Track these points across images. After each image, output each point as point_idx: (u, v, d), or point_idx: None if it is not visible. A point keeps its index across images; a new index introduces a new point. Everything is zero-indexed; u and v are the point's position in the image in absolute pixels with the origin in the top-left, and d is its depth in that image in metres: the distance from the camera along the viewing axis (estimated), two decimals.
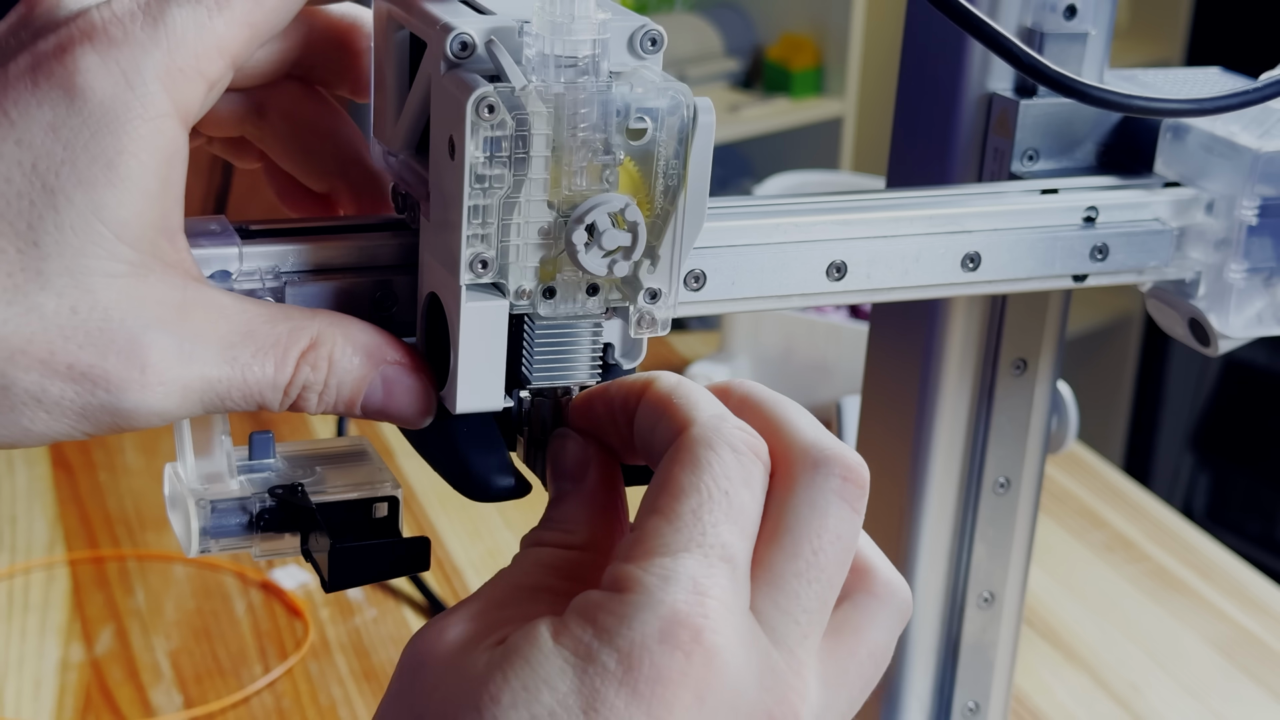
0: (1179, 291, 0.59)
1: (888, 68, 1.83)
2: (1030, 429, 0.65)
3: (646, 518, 0.39)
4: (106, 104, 0.39)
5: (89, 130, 0.39)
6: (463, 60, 0.42)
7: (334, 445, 0.50)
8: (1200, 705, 0.96)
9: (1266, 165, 0.56)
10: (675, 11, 2.54)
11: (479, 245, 0.42)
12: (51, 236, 0.39)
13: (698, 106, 0.42)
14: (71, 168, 0.39)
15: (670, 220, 0.43)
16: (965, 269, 0.54)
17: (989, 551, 0.67)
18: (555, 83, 0.42)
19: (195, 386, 0.41)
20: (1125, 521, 1.16)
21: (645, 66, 0.43)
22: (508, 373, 0.44)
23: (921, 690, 0.69)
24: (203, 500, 0.46)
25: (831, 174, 1.92)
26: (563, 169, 0.42)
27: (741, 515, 0.39)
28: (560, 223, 0.43)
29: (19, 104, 0.39)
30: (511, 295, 0.43)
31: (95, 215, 0.39)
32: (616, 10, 0.44)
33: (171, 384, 0.40)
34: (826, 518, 0.40)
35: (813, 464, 0.40)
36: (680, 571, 0.38)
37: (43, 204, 0.39)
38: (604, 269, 0.43)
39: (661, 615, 0.37)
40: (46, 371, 0.39)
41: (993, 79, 0.59)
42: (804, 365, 1.27)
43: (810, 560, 0.40)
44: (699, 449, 0.40)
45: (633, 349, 0.47)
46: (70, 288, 0.39)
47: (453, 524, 1.10)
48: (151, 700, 0.90)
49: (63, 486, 1.12)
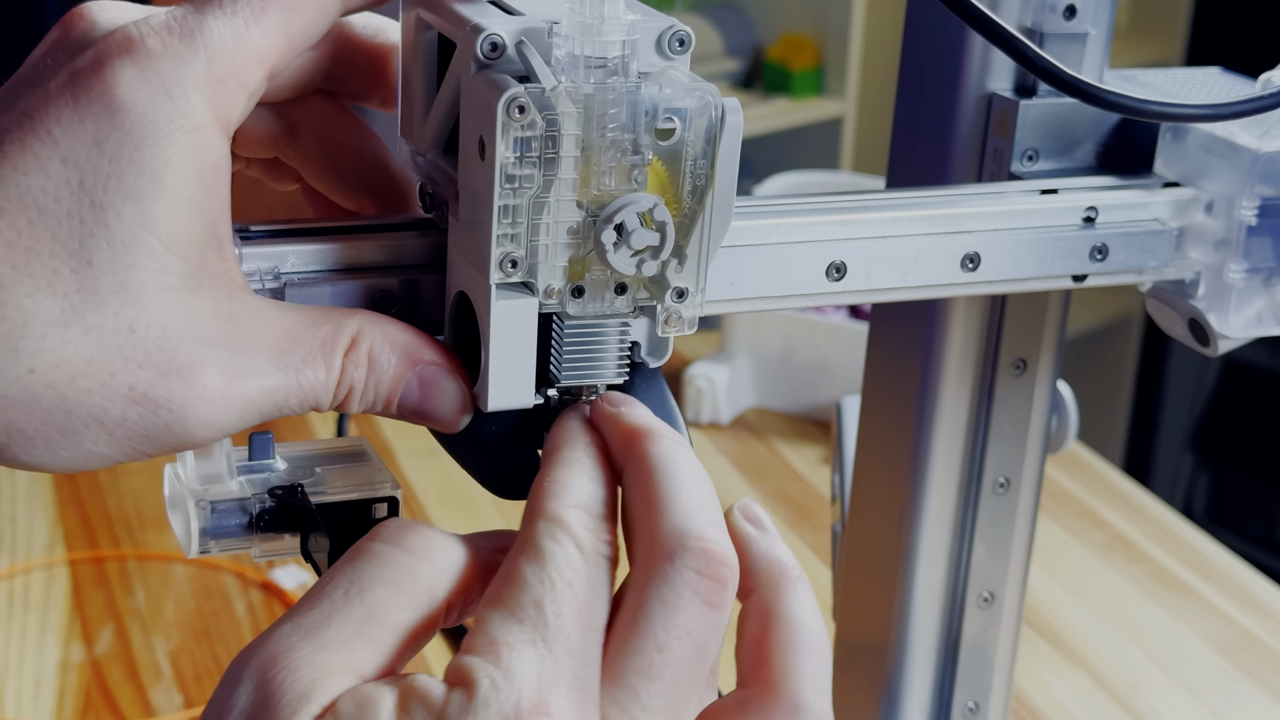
0: (1179, 292, 0.59)
1: (888, 68, 1.83)
2: (1030, 429, 0.65)
3: (488, 608, 0.38)
4: (148, 116, 0.39)
5: (132, 143, 0.39)
6: (493, 61, 0.42)
7: (334, 446, 0.50)
8: (1200, 705, 0.96)
9: (1266, 165, 0.56)
10: (675, 12, 2.53)
11: (509, 244, 0.42)
12: (104, 254, 0.39)
13: (725, 107, 0.43)
14: (118, 181, 0.39)
15: (698, 220, 0.44)
16: (965, 269, 0.54)
17: (989, 551, 0.67)
18: (585, 83, 0.42)
19: (255, 399, 0.41)
20: (1125, 522, 1.16)
21: (673, 67, 0.44)
22: (536, 371, 0.45)
23: (921, 690, 0.69)
24: (203, 501, 0.46)
25: (831, 174, 1.92)
26: (592, 169, 0.42)
27: (585, 610, 0.38)
28: (589, 222, 0.43)
29: (61, 122, 0.39)
30: (540, 294, 0.43)
31: (144, 228, 0.39)
32: (645, 11, 0.44)
33: (232, 399, 0.40)
34: (676, 612, 0.38)
35: (668, 554, 0.39)
36: (522, 669, 0.37)
37: (92, 221, 0.39)
38: (632, 268, 0.43)
39: (505, 715, 0.36)
40: (108, 394, 0.39)
41: (992, 79, 0.59)
42: (804, 365, 1.27)
43: (653, 657, 0.38)
44: (542, 540, 0.39)
45: (659, 347, 0.47)
46: (126, 305, 0.39)
47: (453, 524, 1.10)
48: (151, 700, 0.90)
49: (63, 486, 1.12)
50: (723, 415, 1.26)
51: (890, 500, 0.67)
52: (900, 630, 0.68)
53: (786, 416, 1.29)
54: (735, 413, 1.28)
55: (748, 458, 1.22)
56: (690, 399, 1.26)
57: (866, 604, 0.69)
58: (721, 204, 0.44)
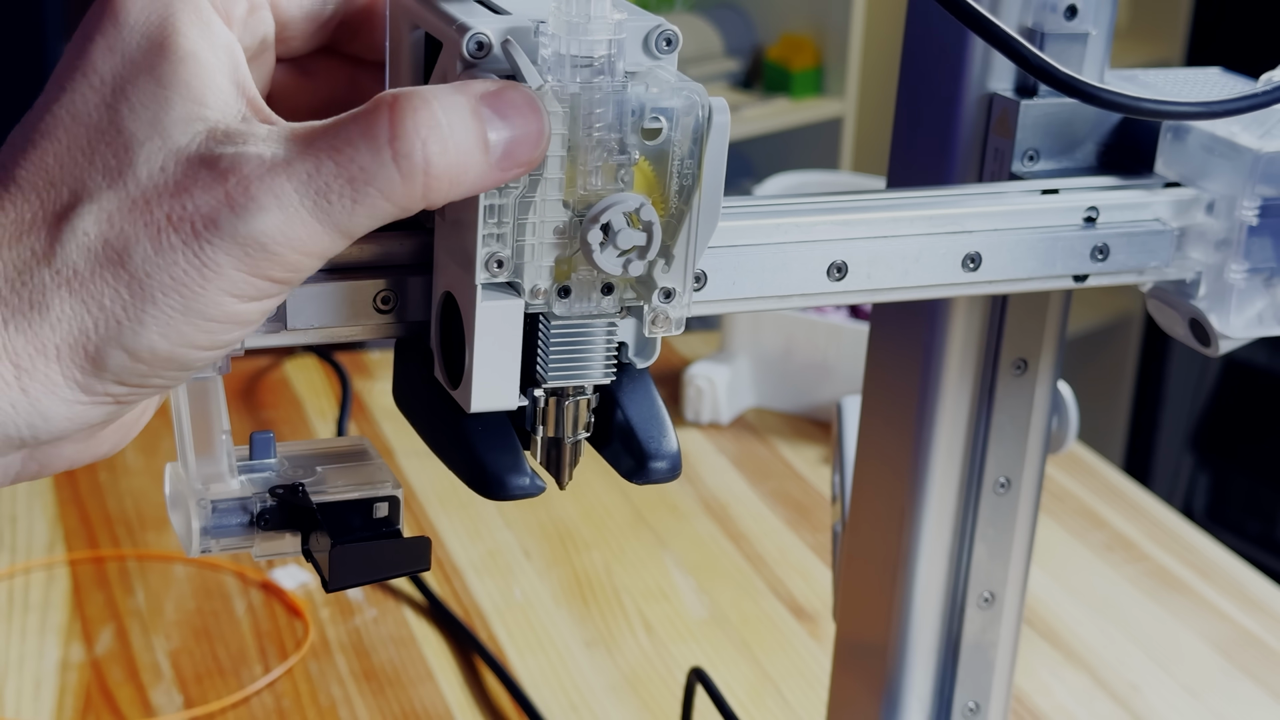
0: (1179, 292, 0.59)
1: (888, 68, 1.83)
2: (1030, 429, 0.65)
3: None
4: (145, 9, 0.42)
5: (136, 33, 0.42)
6: (479, 60, 0.42)
7: (334, 445, 0.50)
8: (1200, 705, 0.96)
9: (1267, 166, 0.56)
10: (675, 11, 2.53)
11: (494, 244, 0.42)
12: (129, 119, 0.41)
13: (712, 106, 0.43)
14: (131, 66, 0.41)
15: (685, 220, 0.44)
16: (966, 269, 0.54)
17: (989, 552, 0.67)
18: (571, 83, 0.42)
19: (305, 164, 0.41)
20: (1125, 521, 1.16)
21: (660, 66, 0.43)
22: (522, 372, 0.44)
23: (921, 690, 0.69)
24: (204, 500, 0.46)
25: (831, 174, 1.92)
26: (578, 168, 0.42)
27: None
28: (575, 222, 0.43)
29: (83, 52, 0.42)
30: (526, 294, 0.43)
31: (158, 84, 0.41)
32: (632, 10, 0.44)
33: (279, 167, 0.41)
34: None
35: None
36: None
37: (116, 101, 0.41)
38: (619, 268, 0.43)
39: None
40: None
41: (993, 79, 0.59)
42: (804, 365, 1.27)
43: None
44: None
45: (646, 348, 0.47)
46: (157, 147, 0.41)
47: (453, 524, 1.10)
48: (151, 700, 0.90)
49: (63, 486, 1.12)
50: (723, 415, 1.26)
51: (891, 500, 0.67)
52: (900, 630, 0.68)
53: (786, 416, 1.29)
54: (735, 413, 1.28)
55: (748, 458, 1.22)
56: (690, 399, 1.26)
57: (867, 604, 0.70)
58: (708, 204, 0.44)
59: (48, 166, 0.41)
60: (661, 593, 1.04)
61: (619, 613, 1.01)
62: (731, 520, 1.13)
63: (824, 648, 0.98)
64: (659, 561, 1.07)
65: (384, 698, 0.92)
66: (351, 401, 1.26)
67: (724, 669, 0.96)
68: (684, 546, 1.09)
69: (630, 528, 1.11)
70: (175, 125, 0.41)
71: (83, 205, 0.40)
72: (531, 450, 0.47)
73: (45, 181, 0.41)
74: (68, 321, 0.39)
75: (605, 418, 0.47)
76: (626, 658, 0.97)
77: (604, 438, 0.48)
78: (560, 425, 0.46)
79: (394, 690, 0.92)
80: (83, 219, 0.40)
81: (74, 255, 0.40)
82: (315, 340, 0.46)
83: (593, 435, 0.47)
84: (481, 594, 1.02)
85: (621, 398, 0.47)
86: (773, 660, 0.97)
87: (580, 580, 1.05)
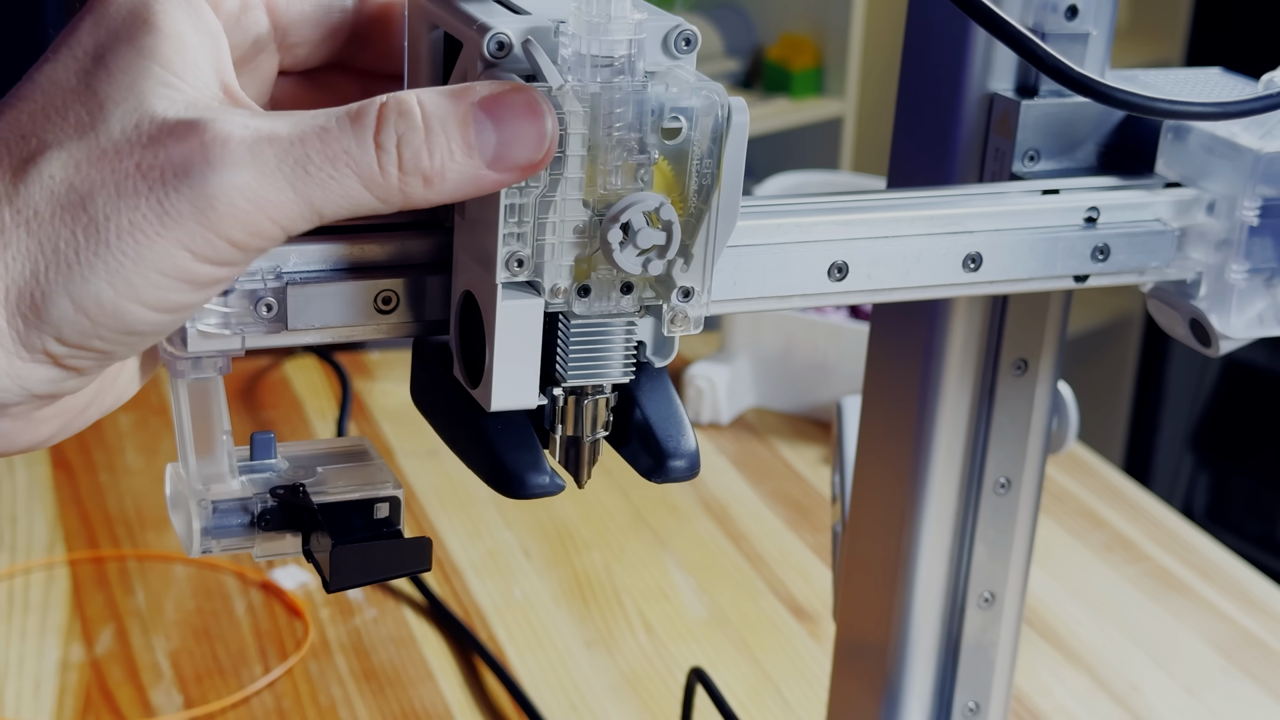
0: (1180, 292, 0.59)
1: (888, 68, 1.83)
2: (1031, 429, 0.65)
3: None
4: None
5: (122, 9, 0.42)
6: (499, 60, 0.42)
7: (335, 445, 0.50)
8: (1200, 705, 0.96)
9: (1268, 166, 0.56)
10: (675, 12, 2.53)
11: (514, 244, 0.42)
12: (106, 85, 0.41)
13: (732, 106, 0.43)
14: (112, 37, 0.42)
15: (704, 219, 0.44)
16: (966, 269, 0.54)
17: (989, 552, 0.67)
18: (591, 82, 0.42)
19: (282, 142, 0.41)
20: (1125, 521, 1.16)
21: (680, 66, 0.44)
22: (541, 371, 0.44)
23: (922, 690, 0.69)
24: (204, 500, 0.46)
25: (831, 174, 1.92)
26: (598, 168, 0.43)
27: None
28: (595, 221, 0.43)
29: (74, 30, 0.43)
30: (546, 293, 0.43)
31: (139, 55, 0.41)
32: (651, 10, 0.44)
33: (261, 140, 0.41)
34: None
35: None
36: None
37: (95, 70, 0.41)
38: (638, 267, 0.43)
39: None
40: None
41: (994, 79, 0.59)
42: (804, 365, 1.27)
43: None
44: None
45: (664, 347, 0.47)
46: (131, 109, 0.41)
47: (453, 524, 1.10)
48: (151, 700, 0.90)
49: (63, 486, 1.12)
50: (723, 415, 1.26)
51: (891, 500, 0.67)
52: (901, 630, 0.68)
53: (786, 416, 1.29)
54: (735, 413, 1.28)
55: (748, 458, 1.22)
56: (690, 399, 1.26)
57: (867, 604, 0.70)
58: (727, 203, 0.44)
59: (20, 123, 0.41)
60: (661, 593, 1.04)
61: (619, 613, 1.01)
62: (731, 520, 1.13)
63: (824, 648, 0.98)
64: (659, 561, 1.07)
65: (384, 698, 0.92)
66: (351, 402, 1.26)
67: (724, 669, 0.96)
68: (684, 546, 1.09)
69: (630, 528, 1.11)
70: (152, 91, 0.41)
71: (50, 151, 0.40)
72: (550, 449, 0.47)
73: (16, 135, 0.41)
74: (21, 262, 0.39)
75: (624, 417, 0.48)
76: (626, 658, 0.97)
77: (622, 436, 0.48)
78: (579, 424, 0.47)
79: (394, 690, 0.92)
80: (50, 163, 0.40)
81: (36, 196, 0.40)
82: (316, 340, 0.46)
83: (611, 434, 0.48)
84: (481, 594, 1.02)
85: (640, 397, 0.47)
86: (773, 660, 0.97)
87: (580, 580, 1.05)
